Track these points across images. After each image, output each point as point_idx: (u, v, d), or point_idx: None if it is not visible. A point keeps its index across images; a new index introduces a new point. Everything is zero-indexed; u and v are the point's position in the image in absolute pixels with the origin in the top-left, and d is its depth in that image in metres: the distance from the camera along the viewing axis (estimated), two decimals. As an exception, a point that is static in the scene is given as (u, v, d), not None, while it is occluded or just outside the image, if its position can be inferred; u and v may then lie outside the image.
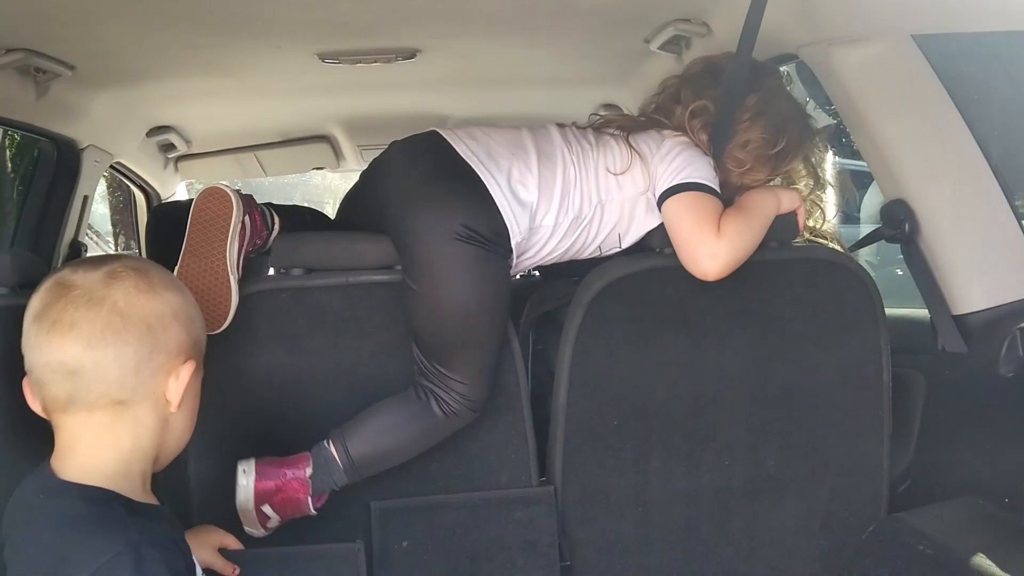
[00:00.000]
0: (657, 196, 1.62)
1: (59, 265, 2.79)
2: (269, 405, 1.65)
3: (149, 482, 1.20)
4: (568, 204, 1.61)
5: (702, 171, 1.62)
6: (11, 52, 2.00)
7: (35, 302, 1.15)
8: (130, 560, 1.03)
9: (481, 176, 1.57)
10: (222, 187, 1.61)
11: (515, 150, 1.63)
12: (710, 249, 1.54)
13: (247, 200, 1.65)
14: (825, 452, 1.71)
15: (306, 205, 1.97)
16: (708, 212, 1.57)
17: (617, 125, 1.73)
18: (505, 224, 1.56)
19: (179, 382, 1.19)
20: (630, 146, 1.65)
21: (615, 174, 1.63)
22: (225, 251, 1.57)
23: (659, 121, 1.72)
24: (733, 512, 1.73)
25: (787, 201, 1.65)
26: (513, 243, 1.57)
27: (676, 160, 1.62)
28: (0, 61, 2.01)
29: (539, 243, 1.62)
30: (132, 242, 5.51)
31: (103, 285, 1.14)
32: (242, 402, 1.64)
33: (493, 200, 1.56)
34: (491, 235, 1.54)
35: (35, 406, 1.18)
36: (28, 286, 1.56)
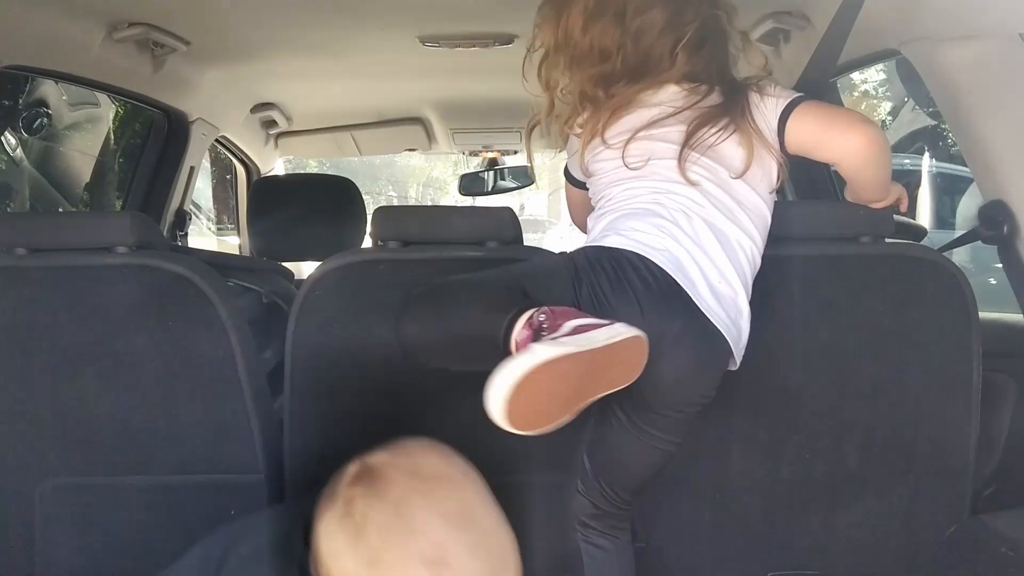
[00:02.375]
0: (775, 131, 1.51)
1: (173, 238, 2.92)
2: (362, 371, 1.71)
3: None
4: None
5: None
6: (133, 26, 2.12)
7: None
8: None
9: (727, 337, 1.44)
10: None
11: (726, 277, 1.45)
12: (861, 117, 1.50)
13: None
14: (909, 451, 1.69)
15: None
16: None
17: (696, 124, 1.50)
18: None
19: None
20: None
21: (776, 191, 1.53)
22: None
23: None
24: (812, 506, 1.73)
25: (895, 190, 1.63)
26: None
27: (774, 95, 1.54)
28: (122, 34, 2.12)
29: None
30: (224, 216, 5.71)
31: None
32: (336, 368, 1.71)
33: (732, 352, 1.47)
34: None
35: None
36: (144, 247, 1.66)
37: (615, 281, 1.37)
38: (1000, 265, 1.86)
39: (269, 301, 1.98)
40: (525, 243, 1.75)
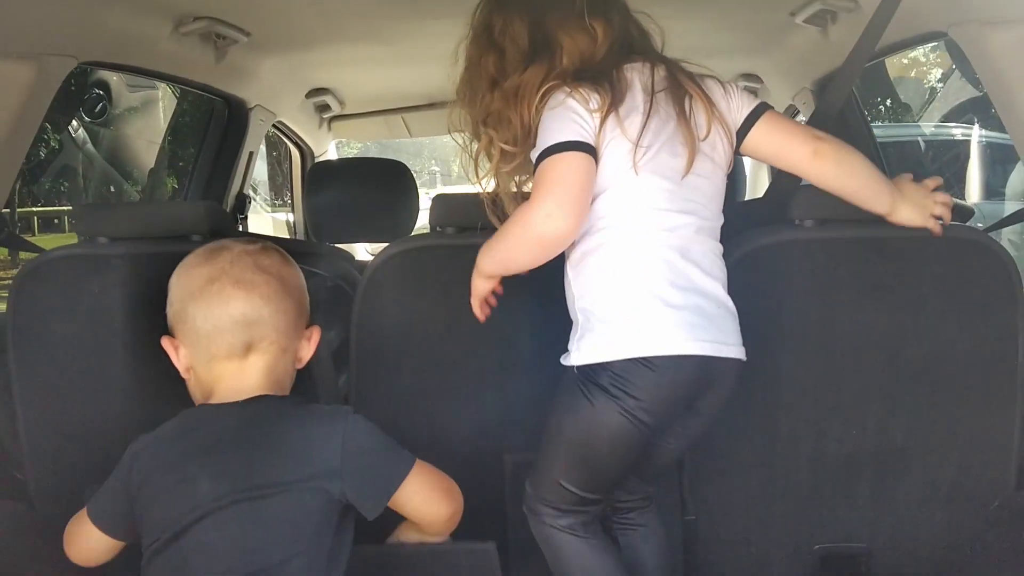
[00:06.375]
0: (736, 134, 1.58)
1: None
2: (422, 351, 1.79)
3: None
4: None
5: None
6: (198, 20, 2.20)
7: (204, 269, 1.44)
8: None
9: None
10: None
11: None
12: (816, 133, 1.58)
13: None
14: (955, 427, 1.73)
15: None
16: None
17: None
18: None
19: (311, 343, 1.51)
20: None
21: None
22: None
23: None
24: (859, 481, 1.77)
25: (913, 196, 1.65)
26: None
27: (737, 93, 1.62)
28: (188, 28, 2.21)
29: None
30: (271, 192, 5.84)
31: (263, 255, 1.48)
32: (398, 347, 1.79)
33: None
34: None
35: (180, 362, 1.47)
36: (218, 234, 1.75)
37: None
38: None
39: (333, 284, 2.06)
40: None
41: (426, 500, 1.45)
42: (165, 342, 1.46)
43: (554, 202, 1.43)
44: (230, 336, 1.40)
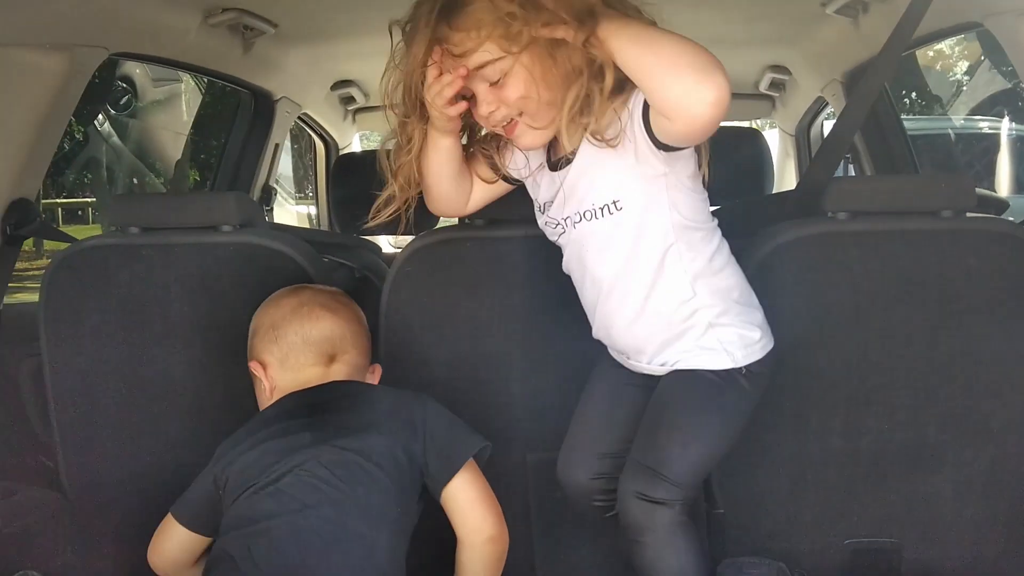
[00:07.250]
0: None
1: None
2: (451, 342, 1.79)
3: None
4: None
5: None
6: (227, 11, 2.21)
7: (292, 298, 1.61)
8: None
9: None
10: None
11: None
12: None
13: None
14: (988, 422, 1.71)
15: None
16: None
17: None
18: None
19: (375, 377, 1.66)
20: None
21: None
22: None
23: None
24: (890, 476, 1.75)
25: None
26: None
27: None
28: (216, 20, 2.22)
29: None
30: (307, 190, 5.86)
31: (339, 295, 1.67)
32: (426, 338, 1.79)
33: None
34: None
35: (267, 382, 1.59)
36: (247, 225, 1.75)
37: None
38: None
39: (361, 275, 2.07)
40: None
41: (477, 498, 1.52)
42: (254, 366, 1.59)
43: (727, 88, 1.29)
44: (317, 347, 1.57)
